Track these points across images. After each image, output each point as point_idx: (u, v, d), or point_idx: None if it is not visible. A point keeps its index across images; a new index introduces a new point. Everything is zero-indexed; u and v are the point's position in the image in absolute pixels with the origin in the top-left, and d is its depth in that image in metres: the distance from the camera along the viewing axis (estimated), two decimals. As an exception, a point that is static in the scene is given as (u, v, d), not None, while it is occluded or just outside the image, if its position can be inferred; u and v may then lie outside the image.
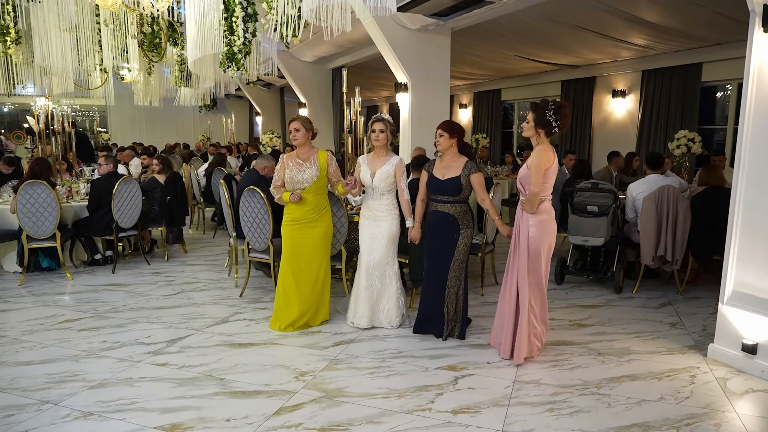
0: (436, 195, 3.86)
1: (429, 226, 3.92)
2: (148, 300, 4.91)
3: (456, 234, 3.81)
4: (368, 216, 4.10)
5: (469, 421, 2.84)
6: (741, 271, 3.49)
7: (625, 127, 10.15)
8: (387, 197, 4.06)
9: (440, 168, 3.85)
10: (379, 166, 4.01)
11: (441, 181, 3.81)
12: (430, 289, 3.94)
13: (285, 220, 4.19)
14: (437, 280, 3.88)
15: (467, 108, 14.76)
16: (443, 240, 3.84)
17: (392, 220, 4.06)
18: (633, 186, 5.24)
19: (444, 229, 3.82)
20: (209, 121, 19.06)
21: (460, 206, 3.83)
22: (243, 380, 3.29)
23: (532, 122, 3.44)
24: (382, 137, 4.00)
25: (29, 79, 8.23)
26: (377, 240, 4.05)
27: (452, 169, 3.80)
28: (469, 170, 3.77)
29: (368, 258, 4.08)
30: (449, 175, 3.79)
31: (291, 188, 4.10)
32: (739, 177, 3.45)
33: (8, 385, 3.22)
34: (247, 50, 5.06)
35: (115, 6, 5.15)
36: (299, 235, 4.13)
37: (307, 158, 4.09)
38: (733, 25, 6.47)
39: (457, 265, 3.83)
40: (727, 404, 3.04)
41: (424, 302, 4.02)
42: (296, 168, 4.07)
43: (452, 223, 3.80)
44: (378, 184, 4.01)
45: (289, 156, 4.16)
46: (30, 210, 5.29)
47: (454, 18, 6.94)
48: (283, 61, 11.73)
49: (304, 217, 4.11)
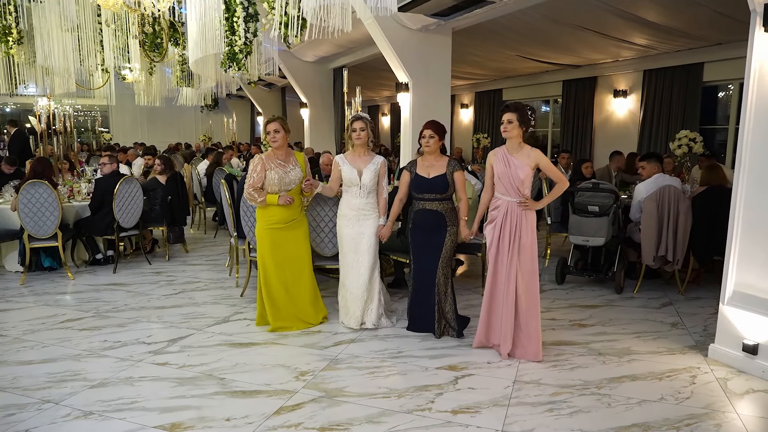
0: (422, 194, 3.89)
1: (416, 224, 3.94)
2: (149, 299, 4.92)
3: (443, 231, 3.85)
4: (350, 216, 4.09)
5: (469, 421, 2.84)
6: (742, 271, 3.49)
7: (627, 127, 10.14)
8: (372, 195, 4.10)
9: (424, 167, 3.90)
10: (365, 165, 4.05)
11: (428, 179, 3.85)
12: (420, 287, 3.97)
13: (266, 224, 4.04)
14: (426, 278, 3.91)
15: (468, 108, 14.76)
16: (431, 238, 3.87)
17: (376, 217, 4.11)
18: (641, 186, 5.19)
19: (433, 227, 3.86)
20: (210, 121, 19.09)
21: (448, 203, 3.89)
22: (243, 380, 3.30)
23: (516, 121, 3.48)
24: (363, 135, 4.03)
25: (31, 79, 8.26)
26: (364, 240, 4.06)
27: (437, 167, 3.86)
28: (453, 168, 3.85)
29: (355, 257, 4.08)
30: (435, 174, 3.85)
31: (278, 189, 3.99)
32: (740, 177, 3.44)
33: (9, 384, 3.23)
34: (248, 50, 5.07)
35: (117, 6, 5.17)
36: (284, 237, 4.06)
37: (286, 159, 4.04)
38: (734, 24, 6.47)
39: (444, 263, 3.88)
40: (727, 405, 3.03)
41: (415, 300, 4.04)
42: (281, 169, 3.99)
43: (440, 220, 3.85)
44: (366, 182, 4.04)
45: (268, 157, 4.03)
46: (32, 210, 5.30)
47: (455, 18, 6.94)
48: (285, 61, 11.74)
49: (290, 218, 4.06)
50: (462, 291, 5.15)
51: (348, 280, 4.13)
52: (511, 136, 3.53)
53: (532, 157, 3.53)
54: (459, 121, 15.00)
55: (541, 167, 3.60)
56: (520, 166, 3.52)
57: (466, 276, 5.78)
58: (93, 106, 18.32)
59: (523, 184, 3.53)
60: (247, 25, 4.97)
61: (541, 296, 4.97)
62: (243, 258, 5.40)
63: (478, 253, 5.00)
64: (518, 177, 3.52)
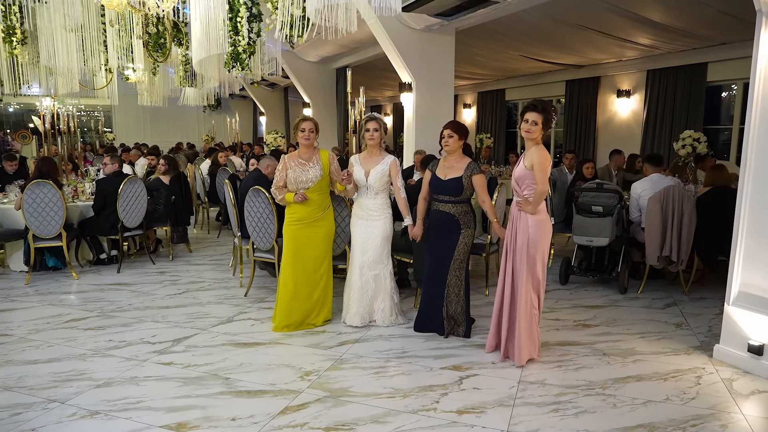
0: (437, 195, 3.88)
1: (430, 225, 3.94)
2: (154, 299, 4.92)
3: (457, 234, 3.83)
4: (361, 216, 4.13)
5: (474, 421, 2.84)
6: (747, 271, 3.48)
7: (630, 127, 10.12)
8: (381, 196, 4.10)
9: (443, 168, 3.87)
10: (373, 165, 4.05)
11: (443, 181, 3.83)
12: (430, 288, 3.97)
13: (288, 220, 4.18)
14: (438, 280, 3.90)
15: (471, 108, 14.75)
16: (444, 239, 3.86)
17: (386, 220, 4.10)
18: (637, 185, 5.21)
19: (445, 228, 3.85)
20: (213, 121, 19.13)
21: (462, 206, 3.85)
22: (248, 380, 3.30)
23: (541, 124, 3.35)
24: (377, 136, 4.04)
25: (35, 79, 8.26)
26: (371, 240, 4.08)
27: (455, 169, 3.82)
28: (471, 171, 3.79)
29: (362, 258, 4.10)
30: (451, 176, 3.82)
31: (294, 188, 4.10)
32: (745, 177, 3.43)
33: (15, 383, 3.24)
34: (252, 50, 5.07)
35: (121, 6, 5.17)
36: (303, 234, 4.13)
37: (309, 158, 4.11)
38: (738, 24, 6.45)
39: (457, 265, 3.86)
40: (733, 405, 3.03)
41: (424, 301, 4.05)
42: (299, 168, 4.08)
43: (453, 222, 3.83)
44: (372, 183, 4.04)
45: (291, 156, 4.17)
46: (36, 209, 5.31)
47: (459, 18, 6.93)
48: (288, 61, 11.75)
49: (309, 217, 4.12)
50: (466, 291, 5.16)
51: (353, 278, 4.15)
52: (533, 137, 3.37)
53: (529, 155, 3.41)
54: (462, 121, 14.92)
55: (534, 166, 3.39)
56: (520, 165, 3.48)
57: (471, 276, 5.75)
58: (96, 106, 18.38)
59: (518, 183, 3.47)
60: (251, 25, 4.97)
61: (545, 296, 5.00)
62: (247, 258, 5.41)
63: (482, 253, 5.00)
64: (516, 175, 3.49)
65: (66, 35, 6.91)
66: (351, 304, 4.17)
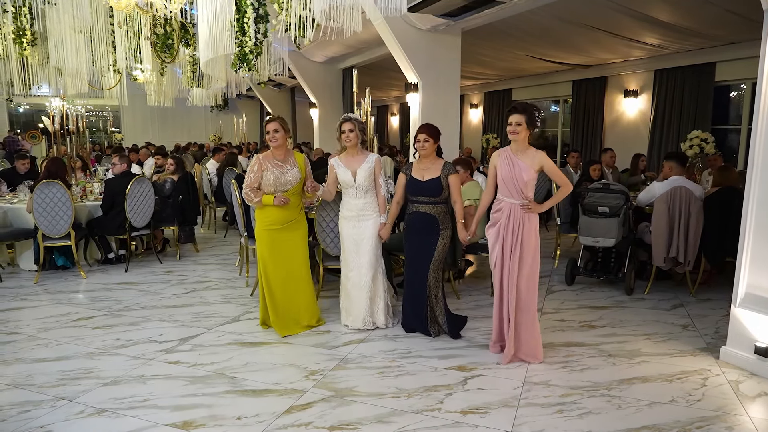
0: (417, 196, 3.91)
1: (409, 226, 3.97)
2: (161, 298, 4.96)
3: (436, 234, 3.87)
4: (350, 217, 4.11)
5: (479, 421, 2.84)
6: (754, 273, 3.46)
7: (637, 127, 10.07)
8: (370, 194, 4.11)
9: (419, 170, 3.92)
10: (359, 165, 4.05)
11: (422, 182, 3.87)
12: (412, 289, 4.00)
13: (263, 225, 4.02)
14: (418, 280, 3.94)
15: (478, 108, 14.73)
16: (423, 240, 3.89)
17: (377, 218, 4.11)
18: (657, 185, 5.11)
19: (424, 229, 3.89)
20: (220, 121, 19.22)
21: (441, 207, 3.90)
22: (254, 379, 3.33)
23: (524, 123, 3.42)
24: (353, 136, 4.03)
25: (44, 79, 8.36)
26: (365, 241, 4.07)
27: (431, 170, 3.88)
28: (448, 171, 3.88)
29: (358, 259, 4.09)
30: (429, 177, 3.87)
31: (273, 190, 3.94)
32: (753, 178, 3.41)
33: (25, 381, 3.28)
34: (259, 51, 5.10)
35: (129, 8, 5.22)
36: (282, 238, 4.02)
37: (285, 159, 4.01)
38: (746, 24, 6.41)
39: (436, 265, 3.90)
40: (739, 407, 3.01)
41: (407, 301, 4.07)
42: (277, 169, 3.95)
43: (433, 223, 3.87)
44: (362, 182, 4.05)
45: (266, 157, 4.01)
46: (45, 209, 5.37)
47: (465, 18, 6.93)
48: (294, 62, 11.79)
49: (286, 219, 4.02)
50: (471, 291, 5.16)
51: (349, 282, 4.13)
52: (520, 138, 3.47)
53: (537, 160, 3.45)
54: (468, 121, 14.98)
55: (546, 170, 3.50)
56: (524, 168, 3.45)
57: (475, 276, 5.77)
58: (105, 107, 18.52)
59: (527, 186, 3.47)
60: (258, 26, 5.01)
61: (550, 297, 5.00)
62: (253, 257, 5.44)
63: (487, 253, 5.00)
64: (522, 179, 3.45)
65: (75, 36, 6.98)
66: (351, 306, 4.15)
